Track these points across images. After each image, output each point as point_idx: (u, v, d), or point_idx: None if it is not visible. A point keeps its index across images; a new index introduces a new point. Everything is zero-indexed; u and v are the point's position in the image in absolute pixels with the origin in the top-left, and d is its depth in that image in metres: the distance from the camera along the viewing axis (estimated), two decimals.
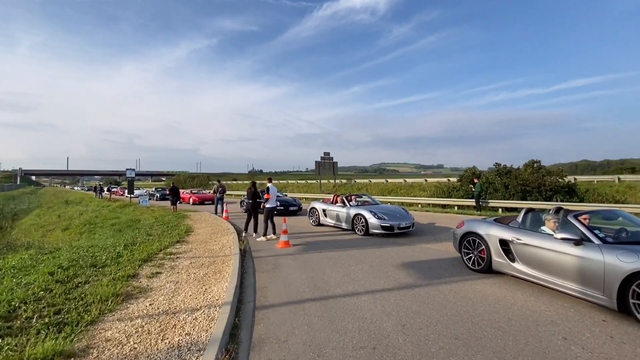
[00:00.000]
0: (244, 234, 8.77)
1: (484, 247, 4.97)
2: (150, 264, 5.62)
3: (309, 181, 36.93)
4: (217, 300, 3.88)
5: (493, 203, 14.71)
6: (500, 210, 14.39)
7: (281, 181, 42.50)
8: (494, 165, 17.83)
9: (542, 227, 4.37)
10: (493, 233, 4.83)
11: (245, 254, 6.66)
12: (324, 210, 10.39)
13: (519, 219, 4.77)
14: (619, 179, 18.57)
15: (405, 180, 27.42)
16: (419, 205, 17.75)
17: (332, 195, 10.90)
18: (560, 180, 15.37)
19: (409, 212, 9.37)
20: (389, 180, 29.41)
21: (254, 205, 8.88)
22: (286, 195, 17.65)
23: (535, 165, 16.49)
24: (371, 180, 30.75)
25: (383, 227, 8.24)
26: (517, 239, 4.42)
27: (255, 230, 8.87)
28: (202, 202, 22.18)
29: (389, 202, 19.85)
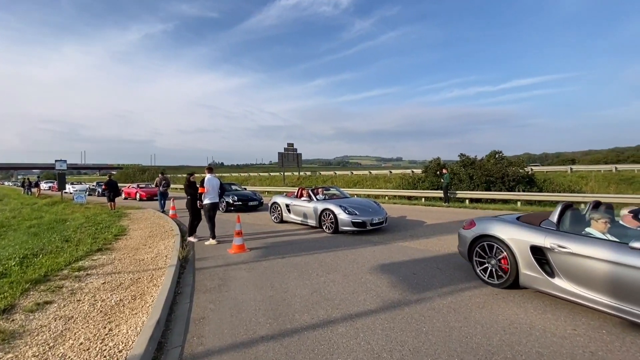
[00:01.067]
0: (188, 238, 7.28)
1: (505, 254, 3.78)
2: (43, 286, 4.02)
3: (271, 174, 35.29)
4: (120, 351, 2.54)
5: (460, 194, 14.50)
6: (467, 201, 14.21)
7: (242, 174, 40.29)
8: (458, 156, 17.80)
9: (588, 229, 3.33)
10: (521, 237, 3.64)
11: (185, 265, 5.26)
12: (287, 206, 9.21)
13: (554, 217, 3.57)
14: (571, 169, 19.62)
15: (370, 173, 26.98)
16: (386, 198, 17.20)
17: (297, 188, 9.71)
18: (521, 170, 15.62)
19: (381, 205, 8.46)
20: (354, 172, 28.85)
21: (192, 201, 7.33)
22: (246, 189, 16.06)
23: (497, 155, 16.65)
24: (336, 172, 29.99)
25: (354, 224, 7.27)
26: (560, 246, 3.25)
27: (191, 234, 7.36)
28: (150, 197, 19.81)
29: (355, 194, 19.12)
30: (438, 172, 14.30)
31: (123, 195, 21.90)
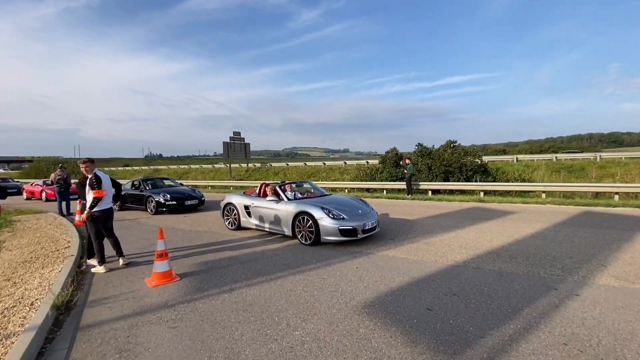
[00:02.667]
0: (88, 261, 5.02)
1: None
2: None
3: (216, 166, 32.09)
4: None
5: (424, 185, 13.84)
6: (430, 192, 13.61)
7: (181, 166, 36.15)
8: (416, 146, 17.31)
9: None
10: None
11: (66, 318, 3.18)
12: (246, 208, 7.06)
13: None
14: (517, 159, 20.55)
15: (324, 164, 25.74)
16: (345, 190, 16.00)
17: (259, 184, 7.56)
18: (476, 160, 15.57)
19: (368, 204, 6.74)
20: (307, 163, 27.34)
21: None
22: (182, 184, 13.42)
23: (452, 145, 16.44)
24: (288, 163, 28.15)
25: (343, 232, 5.46)
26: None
27: (92, 256, 4.92)
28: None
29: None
30: (401, 163, 13.43)
31: (25, 195, 17.50)
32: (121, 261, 4.84)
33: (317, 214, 5.63)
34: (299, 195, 6.84)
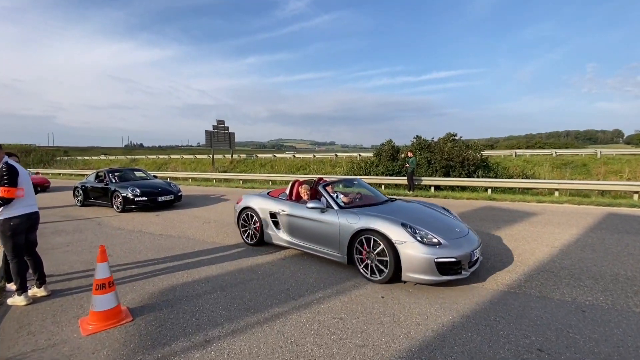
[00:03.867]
0: (8, 286, 3.62)
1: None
2: None
3: (198, 156, 30.24)
4: None
5: (426, 181, 12.81)
6: (432, 189, 12.62)
7: (161, 156, 33.99)
8: (414, 138, 16.27)
9: None
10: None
11: None
12: (273, 216, 4.95)
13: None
14: (515, 154, 19.92)
15: (314, 156, 24.44)
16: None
17: (291, 182, 5.25)
18: (478, 154, 14.70)
19: (455, 215, 4.70)
20: (297, 155, 25.97)
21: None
22: (155, 177, 11.26)
23: (452, 138, 15.50)
24: (276, 155, 26.68)
25: (442, 268, 3.31)
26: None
27: (16, 283, 3.32)
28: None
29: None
30: (402, 156, 12.33)
31: None
32: (38, 291, 3.44)
33: (396, 233, 3.46)
34: (343, 198, 4.63)
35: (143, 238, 5.88)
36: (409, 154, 11.98)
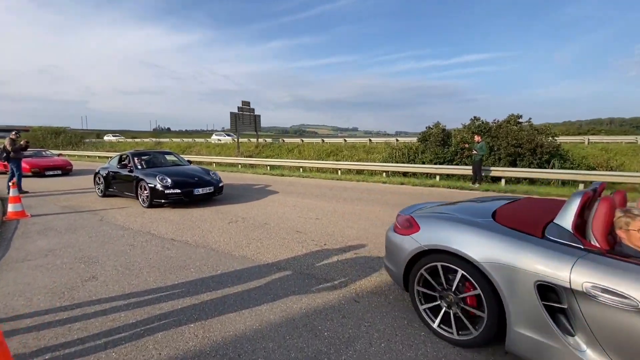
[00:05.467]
0: None
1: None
2: None
3: (222, 140, 29.05)
4: None
5: (496, 171, 10.54)
6: (503, 181, 10.38)
7: (185, 139, 33.18)
8: (471, 120, 13.86)
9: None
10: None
11: None
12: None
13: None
14: (588, 140, 16.98)
15: (345, 141, 22.44)
16: (383, 174, 12.84)
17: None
18: (553, 141, 12.17)
19: None
20: (326, 140, 24.08)
21: None
22: (190, 162, 8.85)
23: (517, 121, 12.95)
24: (303, 139, 24.89)
25: None
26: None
27: None
28: (41, 171, 12.74)
29: (351, 169, 14.63)
30: (476, 140, 9.96)
31: None
32: None
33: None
34: None
35: (148, 245, 4.31)
36: (477, 139, 9.77)
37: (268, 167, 16.19)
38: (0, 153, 8.40)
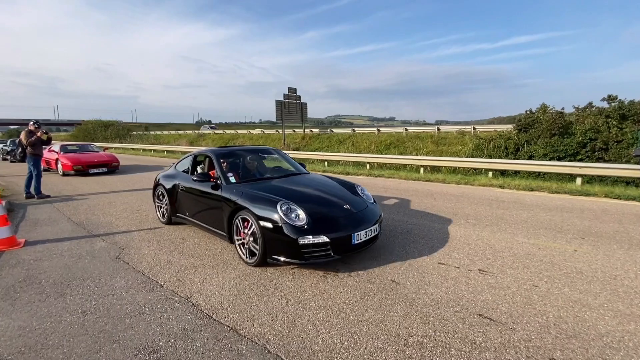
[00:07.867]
0: None
1: None
2: None
3: (265, 131, 27.28)
4: None
5: None
6: None
7: (227, 131, 31.96)
8: (605, 99, 10.25)
9: None
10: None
11: None
12: None
13: None
14: None
15: (406, 130, 19.36)
16: (483, 171, 9.80)
17: None
18: None
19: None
20: (382, 130, 21.13)
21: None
22: (303, 164, 5.05)
23: None
24: (355, 130, 22.14)
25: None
26: None
27: None
28: (84, 169, 11.20)
29: (426, 167, 11.70)
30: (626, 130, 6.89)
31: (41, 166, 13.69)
32: None
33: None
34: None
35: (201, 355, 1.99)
36: None
37: (326, 163, 13.78)
38: (16, 148, 6.77)
